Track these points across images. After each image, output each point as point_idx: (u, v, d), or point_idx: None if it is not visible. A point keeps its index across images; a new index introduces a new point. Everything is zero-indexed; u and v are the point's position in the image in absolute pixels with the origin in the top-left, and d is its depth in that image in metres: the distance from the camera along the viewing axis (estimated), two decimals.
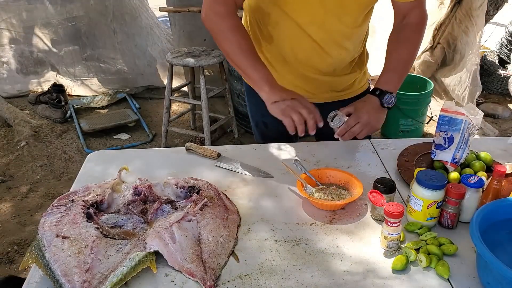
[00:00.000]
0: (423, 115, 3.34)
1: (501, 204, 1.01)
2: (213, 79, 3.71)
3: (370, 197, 1.08)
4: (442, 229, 1.11)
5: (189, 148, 1.45)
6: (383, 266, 1.00)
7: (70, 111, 3.73)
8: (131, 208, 1.13)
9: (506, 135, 3.38)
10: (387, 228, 1.02)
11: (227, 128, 3.53)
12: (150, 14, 4.27)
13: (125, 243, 1.01)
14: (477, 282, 0.96)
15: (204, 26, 1.34)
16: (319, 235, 1.09)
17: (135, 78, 4.16)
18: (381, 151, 1.46)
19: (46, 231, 1.02)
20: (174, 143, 3.39)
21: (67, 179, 2.99)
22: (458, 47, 3.70)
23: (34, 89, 4.11)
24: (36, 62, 4.13)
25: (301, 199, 1.23)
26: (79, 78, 4.13)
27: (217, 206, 1.13)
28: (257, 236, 1.09)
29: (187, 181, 1.22)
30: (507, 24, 4.18)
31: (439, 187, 1.05)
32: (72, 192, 1.18)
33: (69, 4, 3.89)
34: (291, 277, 0.97)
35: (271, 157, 1.43)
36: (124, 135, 3.54)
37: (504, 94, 4.02)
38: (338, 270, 0.99)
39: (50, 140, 3.45)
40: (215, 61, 3.04)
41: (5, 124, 3.63)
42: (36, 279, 0.97)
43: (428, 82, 3.34)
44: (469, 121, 1.27)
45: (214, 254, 1.01)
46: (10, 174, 3.05)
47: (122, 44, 4.09)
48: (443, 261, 0.99)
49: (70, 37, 4.03)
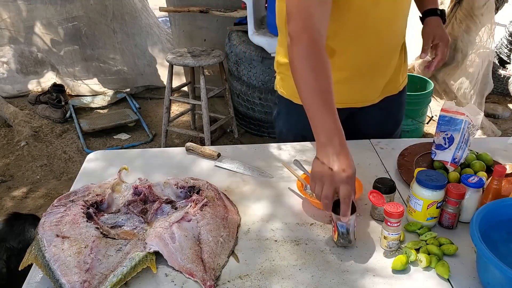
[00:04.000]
0: (423, 115, 3.34)
1: (501, 204, 1.01)
2: (213, 79, 3.71)
3: (370, 197, 1.08)
4: (442, 229, 1.11)
5: (189, 148, 1.45)
6: (383, 266, 1.00)
7: (70, 111, 3.73)
8: (131, 208, 1.13)
9: (506, 135, 3.38)
10: (387, 228, 1.02)
11: (227, 128, 3.53)
12: (150, 14, 4.27)
13: (125, 243, 1.01)
14: (477, 282, 0.96)
15: (204, 26, 1.33)
16: (319, 235, 1.09)
17: (135, 78, 4.16)
18: (381, 151, 1.45)
19: (46, 231, 1.02)
20: (174, 143, 3.39)
21: (67, 179, 2.99)
22: (459, 46, 3.69)
23: (34, 89, 4.12)
24: (36, 62, 4.13)
25: (301, 199, 1.23)
26: (79, 78, 4.13)
27: (217, 206, 1.13)
28: (257, 236, 1.09)
29: (187, 181, 1.22)
30: (507, 24, 4.18)
31: (439, 187, 1.05)
32: (72, 192, 1.18)
33: (69, 4, 3.90)
34: (291, 277, 0.97)
35: (271, 157, 1.43)
36: (124, 135, 3.54)
37: (504, 94, 4.02)
38: (338, 270, 0.99)
39: (50, 140, 3.45)
40: (215, 61, 3.04)
41: (5, 124, 3.63)
42: (36, 279, 0.97)
43: (428, 82, 3.34)
44: (469, 121, 1.27)
45: (214, 254, 1.01)
46: (10, 174, 3.05)
47: (122, 44, 4.09)
48: (443, 261, 0.99)
49: (70, 37, 4.04)
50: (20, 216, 1.68)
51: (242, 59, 3.17)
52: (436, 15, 1.45)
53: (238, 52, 3.18)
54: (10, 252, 1.54)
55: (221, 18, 3.59)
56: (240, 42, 3.21)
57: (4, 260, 1.52)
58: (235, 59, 3.24)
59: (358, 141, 1.48)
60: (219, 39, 3.66)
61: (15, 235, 1.59)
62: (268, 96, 3.18)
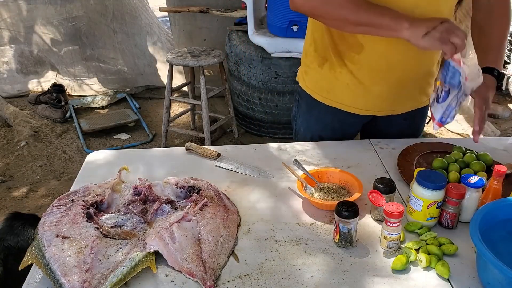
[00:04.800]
0: None
1: (501, 204, 1.01)
2: (213, 79, 3.71)
3: (370, 197, 1.08)
4: (442, 229, 1.11)
5: (189, 148, 1.45)
6: (383, 266, 1.00)
7: (70, 111, 3.73)
8: (131, 208, 1.13)
9: (506, 135, 3.38)
10: (387, 228, 1.02)
11: (227, 128, 3.53)
12: (150, 14, 4.28)
13: (125, 243, 1.01)
14: (477, 282, 0.96)
15: (204, 26, 1.33)
16: (319, 235, 1.09)
17: (135, 78, 4.17)
18: (381, 151, 1.45)
19: (46, 231, 1.02)
20: (174, 143, 3.39)
21: (67, 179, 2.99)
22: None
23: (34, 89, 4.12)
24: (36, 62, 4.13)
25: (301, 199, 1.23)
26: (79, 78, 4.13)
27: (217, 206, 1.13)
28: (257, 236, 1.09)
29: (187, 181, 1.22)
30: None
31: (439, 187, 1.05)
32: (72, 192, 1.18)
33: (69, 4, 3.90)
34: (291, 277, 0.97)
35: (271, 157, 1.43)
36: (124, 135, 3.54)
37: (504, 94, 4.02)
38: (338, 270, 0.99)
39: (50, 140, 3.45)
40: (215, 61, 3.04)
41: (5, 124, 3.63)
42: (36, 279, 0.97)
43: None
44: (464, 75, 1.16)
45: (214, 254, 1.01)
46: (10, 174, 3.05)
47: (122, 44, 4.10)
48: (443, 261, 0.99)
49: (70, 37, 4.04)
50: (21, 216, 1.68)
51: (242, 59, 3.17)
52: (492, 75, 1.30)
53: (238, 52, 3.18)
54: (8, 251, 1.54)
55: (221, 18, 3.59)
56: (240, 42, 3.21)
57: (1, 259, 1.52)
58: (235, 59, 3.24)
59: (358, 141, 1.48)
60: (219, 39, 3.66)
61: (14, 234, 1.59)
62: (268, 96, 3.18)
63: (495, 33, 1.36)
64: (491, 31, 1.36)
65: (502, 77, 1.35)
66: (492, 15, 1.37)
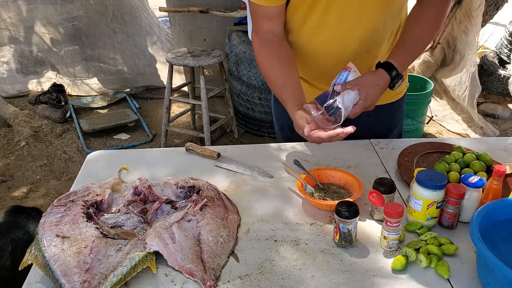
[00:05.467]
0: (423, 115, 3.34)
1: (501, 204, 1.01)
2: (213, 79, 3.71)
3: (370, 197, 1.08)
4: (442, 229, 1.11)
5: (189, 148, 1.45)
6: (383, 266, 1.00)
7: (70, 111, 3.74)
8: (131, 208, 1.13)
9: (506, 135, 3.38)
10: (387, 228, 1.02)
11: (227, 128, 3.54)
12: (150, 14, 4.28)
13: (125, 243, 1.01)
14: (477, 282, 0.96)
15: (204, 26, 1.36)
16: (319, 235, 1.09)
17: (135, 78, 4.17)
18: (381, 151, 1.45)
19: (46, 231, 1.02)
20: (174, 143, 3.39)
21: (67, 179, 2.99)
22: (458, 47, 3.70)
23: (34, 89, 4.12)
24: (36, 62, 4.13)
25: (301, 199, 1.23)
26: (79, 78, 4.14)
27: (217, 206, 1.13)
28: (257, 236, 1.09)
29: (187, 181, 1.22)
30: (507, 24, 4.19)
31: (439, 187, 1.05)
32: (72, 192, 1.18)
33: (69, 4, 3.90)
34: (291, 277, 0.97)
35: (271, 157, 1.43)
36: (124, 135, 3.54)
37: (504, 94, 4.02)
38: (338, 270, 0.99)
39: (50, 140, 3.45)
40: (215, 61, 3.04)
41: (5, 124, 3.63)
42: (36, 279, 0.97)
43: (428, 82, 3.34)
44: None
45: (214, 254, 1.01)
46: (10, 174, 3.05)
47: (122, 44, 4.10)
48: (443, 261, 0.99)
49: (70, 37, 4.04)
50: (23, 210, 1.69)
51: (242, 59, 3.17)
52: (389, 74, 1.25)
53: (238, 52, 3.18)
54: (16, 243, 1.54)
55: (221, 18, 3.59)
56: (240, 42, 3.21)
57: (9, 252, 1.51)
58: (235, 59, 3.24)
59: (358, 141, 1.48)
60: (219, 39, 3.66)
61: (20, 227, 1.59)
62: (268, 96, 3.18)
63: (416, 32, 1.30)
64: (414, 28, 1.31)
65: (398, 80, 1.27)
66: (423, 13, 1.32)
